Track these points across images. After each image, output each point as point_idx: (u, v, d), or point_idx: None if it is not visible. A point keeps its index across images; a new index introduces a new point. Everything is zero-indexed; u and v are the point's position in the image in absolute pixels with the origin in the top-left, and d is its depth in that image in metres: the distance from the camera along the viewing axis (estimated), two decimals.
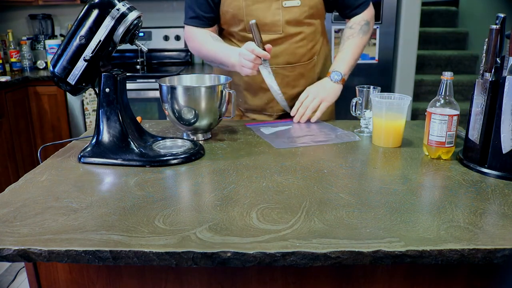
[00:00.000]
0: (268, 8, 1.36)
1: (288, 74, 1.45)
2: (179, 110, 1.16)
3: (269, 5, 1.35)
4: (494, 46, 0.95)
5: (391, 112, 1.15)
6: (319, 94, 1.39)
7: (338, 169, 1.01)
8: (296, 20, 1.38)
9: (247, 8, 1.35)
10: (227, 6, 1.37)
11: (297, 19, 1.38)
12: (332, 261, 0.67)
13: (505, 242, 0.68)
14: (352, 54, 1.44)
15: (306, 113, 1.39)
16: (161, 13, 3.37)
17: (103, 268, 0.85)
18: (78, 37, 0.99)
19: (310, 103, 1.38)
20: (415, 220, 0.76)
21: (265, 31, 1.37)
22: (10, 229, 0.73)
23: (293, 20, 1.38)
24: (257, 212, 0.79)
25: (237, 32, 1.42)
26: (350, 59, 1.44)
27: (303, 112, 1.39)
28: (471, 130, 1.03)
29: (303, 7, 1.37)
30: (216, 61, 1.39)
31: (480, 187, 0.91)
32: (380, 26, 2.94)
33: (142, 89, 2.86)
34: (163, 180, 0.95)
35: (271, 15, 1.36)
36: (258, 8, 1.35)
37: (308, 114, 1.39)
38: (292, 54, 1.43)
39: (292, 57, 1.43)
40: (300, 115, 1.39)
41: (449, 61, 4.04)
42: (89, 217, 0.77)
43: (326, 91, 1.40)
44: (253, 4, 1.35)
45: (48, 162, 1.05)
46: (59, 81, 1.03)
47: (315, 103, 1.38)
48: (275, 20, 1.36)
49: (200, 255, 0.66)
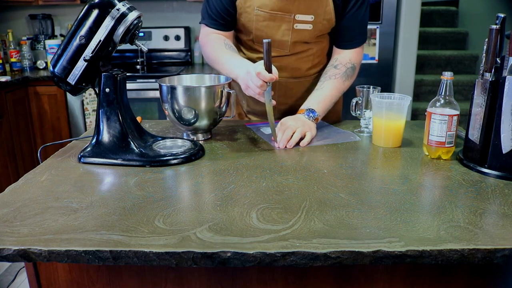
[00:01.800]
0: (278, 28, 1.32)
1: (292, 87, 1.43)
2: (179, 110, 1.16)
3: (279, 25, 1.31)
4: (494, 46, 0.95)
5: (391, 112, 1.15)
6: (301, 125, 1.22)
7: (338, 169, 1.01)
8: (304, 41, 1.35)
9: (257, 23, 1.32)
10: (239, 15, 1.34)
11: (306, 40, 1.35)
12: (332, 261, 0.67)
13: (505, 242, 0.68)
14: (331, 97, 1.33)
15: (293, 138, 1.18)
16: (161, 13, 3.37)
17: (103, 268, 0.85)
18: (78, 37, 0.99)
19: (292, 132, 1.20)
20: (415, 220, 0.76)
21: (272, 47, 1.32)
22: (10, 229, 0.73)
23: (301, 41, 1.35)
24: (257, 212, 0.79)
25: (246, 40, 1.41)
26: (327, 101, 1.32)
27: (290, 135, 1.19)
28: (471, 130, 1.03)
29: (314, 31, 1.33)
30: (223, 71, 1.30)
31: (480, 187, 0.91)
32: (380, 26, 2.93)
33: (142, 89, 2.86)
34: (163, 180, 0.95)
35: (280, 35, 1.33)
36: (268, 26, 1.32)
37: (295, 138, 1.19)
38: (297, 68, 1.40)
39: (296, 71, 1.41)
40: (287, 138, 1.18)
41: (449, 61, 4.04)
42: (89, 217, 0.77)
43: (306, 124, 1.23)
44: (264, 20, 1.31)
45: (48, 162, 1.05)
46: (59, 81, 1.03)
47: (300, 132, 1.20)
48: (284, 40, 1.33)
49: (200, 255, 0.66)
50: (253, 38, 1.36)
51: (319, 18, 1.30)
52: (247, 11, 1.31)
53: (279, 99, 1.44)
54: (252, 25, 1.33)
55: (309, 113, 1.27)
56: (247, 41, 1.40)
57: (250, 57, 1.41)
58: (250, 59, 1.34)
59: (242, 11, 1.32)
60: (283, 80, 1.41)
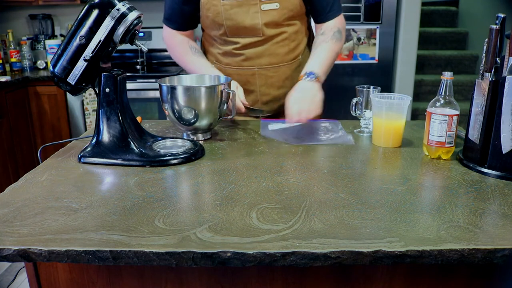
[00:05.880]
0: (246, 12, 1.35)
1: (272, 75, 1.45)
2: (179, 110, 1.16)
3: (247, 9, 1.35)
4: (494, 46, 0.95)
5: (391, 112, 1.15)
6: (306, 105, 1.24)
7: (338, 169, 1.01)
8: (275, 22, 1.37)
9: (226, 12, 1.35)
10: (207, 11, 1.38)
11: (276, 21, 1.37)
12: (332, 261, 0.67)
13: (505, 242, 0.68)
14: (327, 58, 1.36)
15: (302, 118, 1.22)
16: (161, 13, 3.36)
17: (103, 268, 0.85)
18: (78, 37, 0.99)
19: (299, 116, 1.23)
20: (415, 220, 0.76)
21: (246, 34, 1.38)
22: (10, 229, 0.73)
23: (272, 23, 1.37)
24: (257, 212, 0.79)
25: (218, 36, 1.43)
26: (324, 62, 1.35)
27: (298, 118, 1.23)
28: (471, 130, 1.03)
29: (282, 10, 1.36)
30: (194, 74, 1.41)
31: (480, 187, 0.91)
32: (380, 26, 2.93)
33: (142, 89, 2.86)
34: (163, 180, 0.95)
35: (249, 19, 1.36)
36: (237, 12, 1.35)
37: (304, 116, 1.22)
38: (274, 54, 1.42)
39: (274, 57, 1.43)
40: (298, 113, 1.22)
41: (449, 61, 4.04)
42: (89, 217, 0.77)
43: (307, 99, 1.25)
44: (232, 9, 1.35)
45: (48, 162, 1.05)
46: (59, 81, 1.03)
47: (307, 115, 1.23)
48: (254, 23, 1.36)
49: (200, 255, 0.66)
50: (226, 30, 1.39)
51: None
52: (214, 4, 1.35)
53: (260, 89, 1.47)
54: (221, 17, 1.36)
55: (308, 75, 1.30)
56: (220, 36, 1.42)
57: (225, 50, 1.44)
58: (226, 52, 1.44)
59: (209, 6, 1.36)
60: (261, 68, 1.43)
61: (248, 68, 1.44)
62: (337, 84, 2.93)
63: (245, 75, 1.45)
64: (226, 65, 1.47)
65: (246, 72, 1.45)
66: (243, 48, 1.41)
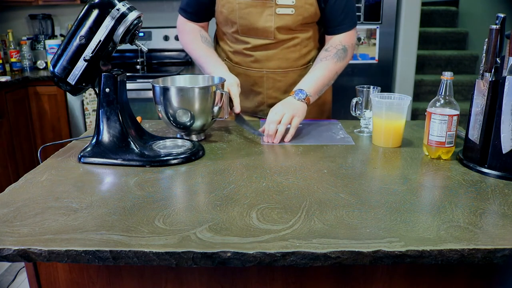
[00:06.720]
0: (260, 13, 1.34)
1: (280, 79, 1.44)
2: (172, 111, 1.15)
3: (262, 11, 1.33)
4: (494, 46, 0.95)
5: (391, 112, 1.15)
6: (287, 110, 1.23)
7: (338, 169, 1.01)
8: (288, 27, 1.36)
9: (240, 11, 1.34)
10: (222, 7, 1.37)
11: (290, 26, 1.35)
12: (332, 261, 0.67)
13: (505, 242, 0.68)
14: (322, 77, 1.33)
15: (279, 130, 1.20)
16: (161, 13, 3.37)
17: (103, 268, 0.85)
18: (78, 37, 0.99)
19: (280, 117, 1.21)
20: (415, 220, 0.76)
21: (257, 35, 1.37)
22: (10, 229, 0.73)
23: (285, 27, 1.35)
24: (257, 212, 0.79)
25: (230, 33, 1.42)
26: (319, 81, 1.32)
27: (275, 129, 1.20)
28: (471, 130, 1.03)
29: (297, 16, 1.34)
30: (198, 63, 1.43)
31: (480, 187, 0.91)
32: (380, 26, 2.93)
33: (142, 89, 2.86)
34: (163, 180, 0.95)
35: (263, 21, 1.34)
36: (251, 12, 1.34)
37: (281, 130, 1.20)
38: (284, 59, 1.41)
39: (283, 62, 1.41)
40: (273, 132, 1.20)
41: (449, 61, 4.04)
42: (89, 217, 0.77)
43: (292, 107, 1.24)
44: (246, 8, 1.34)
45: (48, 162, 1.05)
46: (59, 81, 1.03)
47: (287, 118, 1.21)
48: (267, 26, 1.35)
49: (200, 255, 0.66)
50: (238, 28, 1.38)
51: (300, 1, 1.32)
52: (229, 1, 1.34)
53: (267, 92, 1.46)
54: (235, 15, 1.35)
55: (298, 93, 1.28)
56: (232, 34, 1.42)
57: (236, 49, 1.44)
58: (236, 51, 1.44)
59: (224, 2, 1.36)
60: (270, 72, 1.42)
61: (257, 70, 1.43)
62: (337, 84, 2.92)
63: (254, 77, 1.45)
64: (236, 64, 1.46)
65: (254, 74, 1.44)
66: (254, 49, 1.40)
